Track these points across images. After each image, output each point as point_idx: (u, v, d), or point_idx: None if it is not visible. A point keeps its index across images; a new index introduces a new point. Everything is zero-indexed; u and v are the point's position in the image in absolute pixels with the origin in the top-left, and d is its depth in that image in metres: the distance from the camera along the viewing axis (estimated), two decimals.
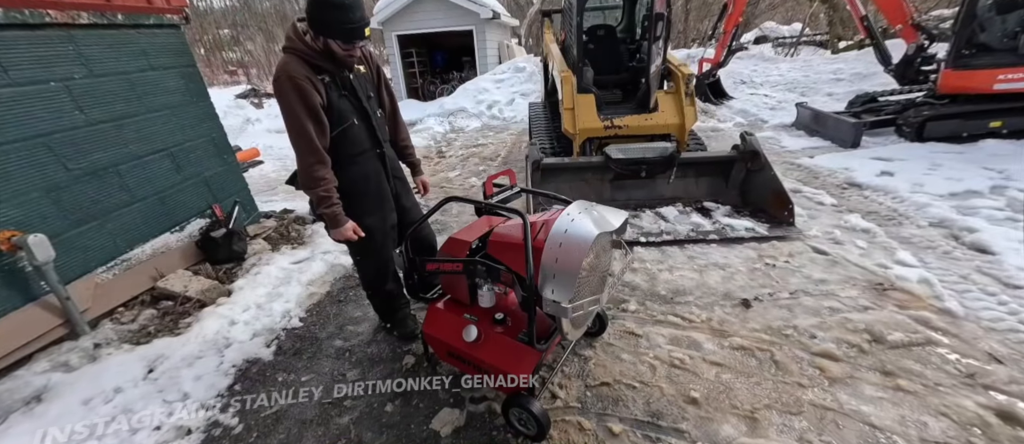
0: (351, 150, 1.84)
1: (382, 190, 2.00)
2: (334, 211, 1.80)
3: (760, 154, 3.55)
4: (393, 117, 2.09)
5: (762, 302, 2.51)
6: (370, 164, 1.93)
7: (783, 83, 9.43)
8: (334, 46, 1.63)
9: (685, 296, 2.62)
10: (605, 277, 1.81)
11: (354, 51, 1.69)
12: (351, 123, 1.80)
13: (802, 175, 4.59)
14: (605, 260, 1.77)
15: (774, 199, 3.46)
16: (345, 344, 2.41)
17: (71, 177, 2.39)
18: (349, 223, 1.86)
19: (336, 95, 1.74)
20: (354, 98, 1.80)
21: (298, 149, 1.71)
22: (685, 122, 4.07)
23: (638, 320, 2.44)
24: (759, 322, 2.34)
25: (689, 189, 3.96)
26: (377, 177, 1.96)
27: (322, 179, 1.75)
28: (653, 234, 3.35)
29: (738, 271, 2.83)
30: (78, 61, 2.40)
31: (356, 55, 1.73)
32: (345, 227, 1.84)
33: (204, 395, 2.01)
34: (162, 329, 2.43)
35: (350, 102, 1.79)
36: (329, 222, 1.84)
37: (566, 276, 1.48)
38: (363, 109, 1.83)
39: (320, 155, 1.72)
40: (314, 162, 1.72)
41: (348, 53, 1.67)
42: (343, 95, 1.77)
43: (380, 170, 1.97)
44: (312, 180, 1.74)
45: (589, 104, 4.15)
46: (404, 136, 2.17)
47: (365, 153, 1.90)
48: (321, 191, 1.76)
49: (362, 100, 1.83)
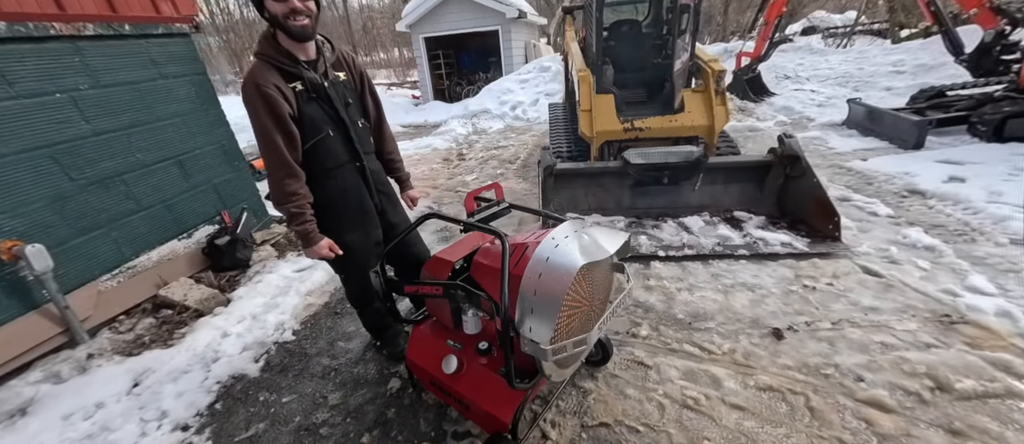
0: (327, 163, 1.71)
1: (363, 205, 1.86)
2: (306, 228, 1.67)
3: (801, 158, 3.15)
4: (379, 127, 1.95)
5: (797, 333, 2.17)
6: (349, 178, 1.79)
7: (833, 77, 8.61)
8: (271, 5, 1.43)
9: (706, 321, 2.32)
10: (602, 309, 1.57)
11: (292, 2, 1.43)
12: (326, 134, 1.67)
13: (853, 180, 4.08)
14: (600, 290, 1.54)
15: (816, 209, 3.05)
16: (332, 362, 2.31)
17: (76, 187, 2.43)
18: (324, 241, 1.73)
19: (309, 104, 1.61)
20: (329, 107, 1.67)
21: (267, 162, 1.59)
22: (715, 123, 3.71)
23: (649, 348, 2.17)
24: (792, 357, 2.02)
25: (718, 197, 3.61)
26: (357, 191, 1.83)
27: (293, 194, 1.63)
28: (674, 247, 3.04)
29: (770, 294, 2.49)
30: (84, 72, 2.45)
31: (297, 7, 1.46)
32: (319, 245, 1.71)
33: (183, 414, 1.95)
34: (156, 340, 2.42)
35: (325, 111, 1.66)
36: (302, 240, 1.72)
37: (545, 311, 1.27)
38: (339, 119, 1.69)
39: (291, 168, 1.60)
40: (284, 176, 1.60)
41: (288, 7, 1.43)
42: (317, 104, 1.63)
43: (360, 184, 1.83)
44: (283, 195, 1.63)
45: (608, 105, 3.88)
46: (390, 147, 2.03)
47: (342, 166, 1.76)
48: (292, 207, 1.64)
49: (338, 109, 1.68)
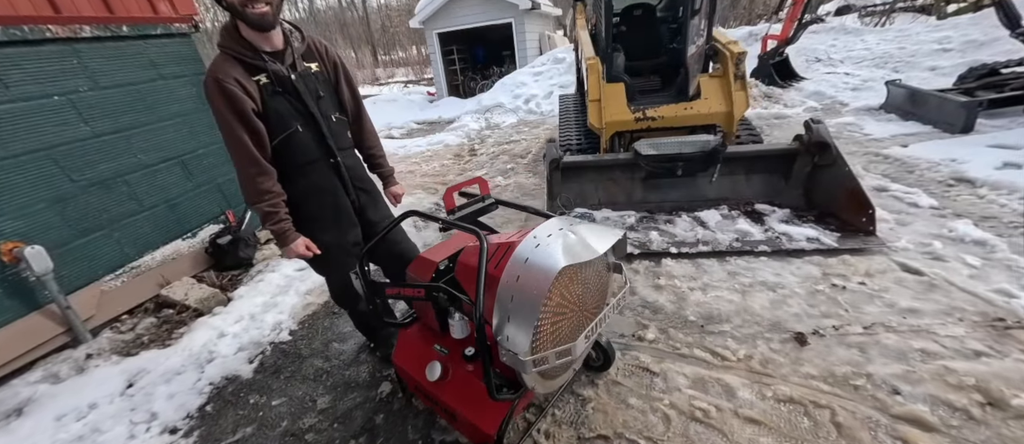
0: (297, 160, 1.63)
1: (339, 204, 1.76)
2: (281, 227, 1.60)
3: (830, 145, 2.88)
4: (358, 120, 1.86)
5: (823, 338, 1.95)
6: (322, 175, 1.70)
7: (869, 58, 8.01)
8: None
9: (720, 324, 2.13)
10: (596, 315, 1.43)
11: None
12: (294, 130, 1.58)
13: (891, 169, 3.74)
14: (592, 294, 1.39)
15: (848, 200, 2.78)
16: (325, 364, 2.25)
17: (77, 188, 2.45)
18: (300, 239, 1.65)
19: (274, 98, 1.52)
20: (297, 101, 1.57)
21: (236, 160, 1.52)
22: (734, 109, 3.45)
23: (655, 353, 2.01)
24: (817, 365, 1.81)
25: (738, 189, 3.36)
26: (332, 189, 1.74)
27: (267, 192, 1.55)
28: (688, 243, 2.84)
29: (793, 294, 2.27)
30: (82, 75, 2.46)
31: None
32: (295, 244, 1.64)
33: (173, 416, 1.93)
34: (155, 339, 2.43)
35: (292, 106, 1.56)
36: (277, 239, 1.64)
37: (523, 318, 1.14)
38: (309, 113, 1.60)
39: (261, 166, 1.53)
40: (255, 174, 1.53)
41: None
42: (283, 97, 1.54)
43: (335, 181, 1.74)
44: (255, 193, 1.55)
45: (618, 94, 3.68)
46: (371, 142, 1.93)
47: (315, 163, 1.67)
48: (265, 206, 1.56)
49: (308, 103, 1.59)
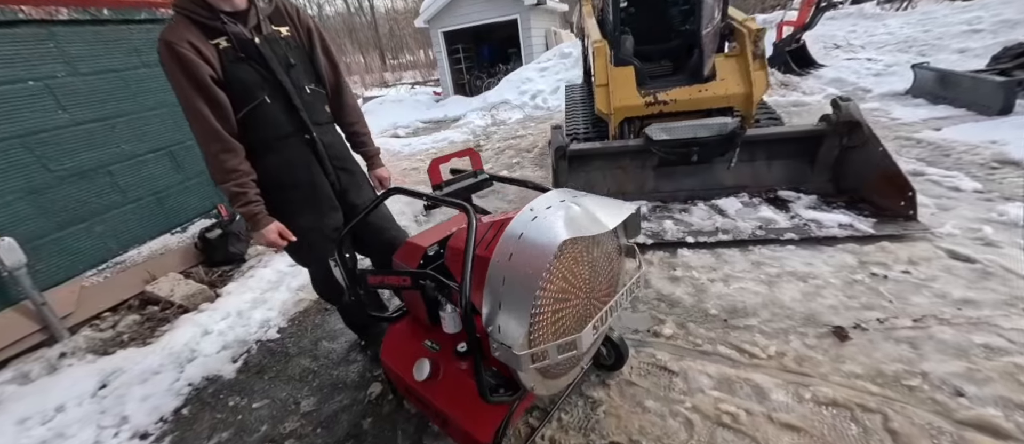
0: (267, 135, 1.46)
1: (316, 184, 1.59)
2: (251, 210, 1.43)
3: (861, 124, 2.64)
4: (337, 94, 1.68)
5: (866, 332, 1.72)
6: (296, 152, 1.52)
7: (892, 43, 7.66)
8: None
9: (746, 318, 1.91)
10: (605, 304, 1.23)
11: None
12: (261, 101, 1.41)
13: (925, 153, 3.46)
14: (601, 279, 1.19)
15: (883, 183, 2.54)
16: (313, 364, 2.08)
17: (55, 178, 2.33)
18: (273, 224, 1.48)
19: (236, 65, 1.35)
20: (263, 69, 1.40)
21: (197, 135, 1.35)
22: (753, 90, 3.21)
23: (674, 350, 1.79)
24: (862, 363, 1.58)
25: (759, 175, 3.13)
26: (307, 168, 1.56)
27: (233, 171, 1.39)
28: (705, 232, 2.61)
29: (827, 284, 2.04)
30: (60, 59, 2.34)
31: None
32: (268, 229, 1.46)
33: (144, 420, 1.77)
34: (136, 337, 2.29)
35: (258, 73, 1.39)
36: (249, 223, 1.47)
37: (516, 305, 0.95)
38: (277, 82, 1.43)
39: (226, 142, 1.36)
40: (219, 150, 1.36)
41: None
42: (247, 64, 1.37)
43: (311, 160, 1.56)
44: (220, 172, 1.39)
45: (627, 78, 3.46)
46: (354, 118, 1.74)
47: (287, 139, 1.50)
48: (232, 186, 1.39)
49: (276, 71, 1.42)
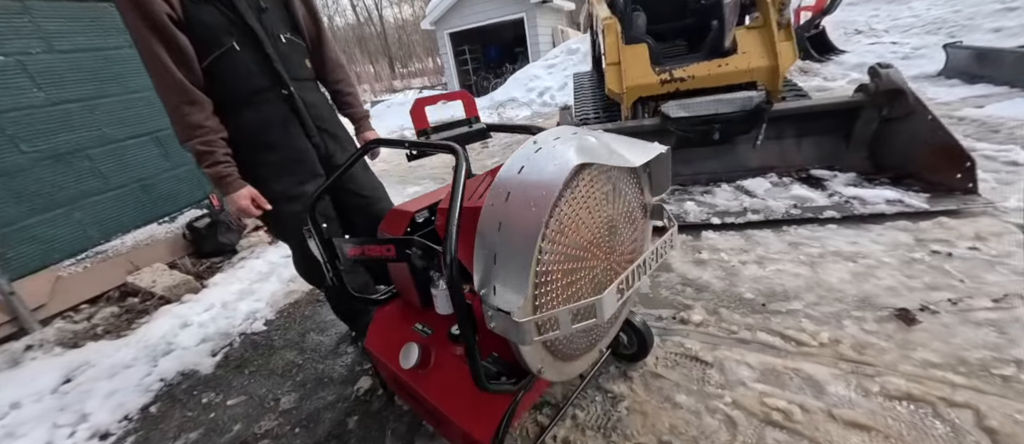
0: (238, 88, 1.27)
1: (295, 146, 1.39)
2: (220, 171, 1.24)
3: (904, 91, 2.37)
4: (318, 47, 1.50)
5: (937, 314, 1.46)
6: (272, 109, 1.34)
7: (918, 25, 7.28)
8: None
9: (787, 302, 1.65)
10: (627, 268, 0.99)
11: None
12: (228, 47, 1.22)
13: (971, 130, 3.17)
14: (623, 236, 0.96)
15: (935, 156, 2.27)
16: (298, 357, 1.87)
17: (28, 160, 2.18)
18: (245, 189, 1.29)
19: (198, 6, 1.17)
20: (230, 11, 1.22)
21: (157, 86, 1.17)
22: (779, 63, 2.96)
23: (706, 338, 1.55)
24: (938, 351, 1.32)
25: (787, 154, 2.87)
26: (284, 127, 1.37)
27: (198, 127, 1.20)
28: (732, 213, 2.36)
29: (880, 263, 1.77)
30: (35, 35, 2.21)
31: None
32: (239, 194, 1.27)
33: (106, 419, 1.58)
34: (112, 330, 2.11)
35: (222, 16, 1.21)
36: (218, 188, 1.28)
37: (517, 256, 0.72)
38: (247, 27, 1.24)
39: (188, 93, 1.18)
40: (181, 102, 1.18)
41: None
42: (211, 5, 1.19)
43: (290, 118, 1.37)
44: (185, 128, 1.20)
45: (640, 55, 3.23)
46: (339, 75, 1.56)
47: (261, 93, 1.31)
48: (198, 144, 1.21)
49: (244, 15, 1.23)
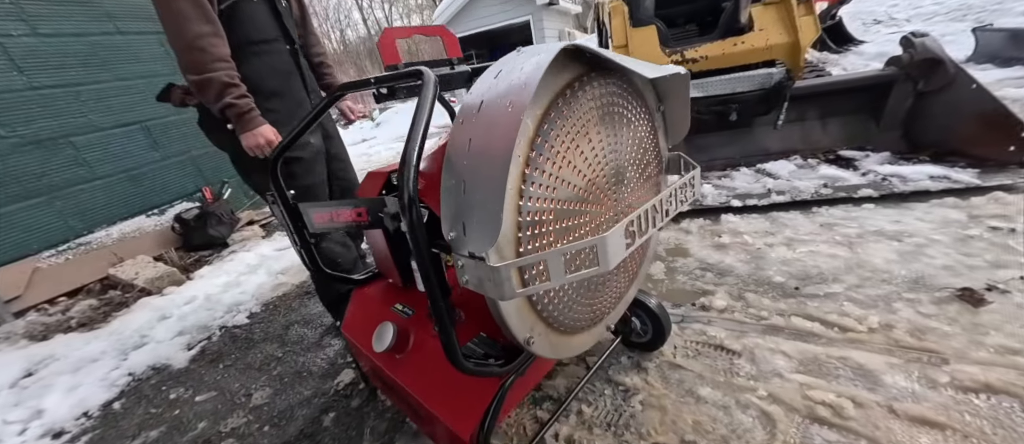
0: (251, 36, 1.26)
1: (297, 98, 1.39)
2: (248, 103, 1.18)
3: (943, 60, 2.16)
4: (303, 22, 1.50)
5: (1009, 294, 1.24)
6: (280, 59, 1.34)
7: (942, 12, 6.97)
8: None
9: (824, 284, 1.44)
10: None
11: None
12: None
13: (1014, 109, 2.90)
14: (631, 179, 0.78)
15: (981, 128, 2.05)
16: (278, 350, 1.72)
17: (5, 145, 2.09)
18: (267, 126, 1.22)
19: None
20: None
21: (179, 21, 1.08)
22: (801, 38, 2.75)
23: (731, 324, 1.35)
24: (1016, 335, 1.10)
25: (810, 136, 2.66)
26: (289, 78, 1.37)
27: (225, 60, 1.14)
28: (754, 195, 2.15)
29: (930, 242, 1.55)
30: (17, 17, 2.14)
31: None
32: (262, 129, 1.20)
33: (64, 415, 1.44)
34: (87, 322, 1.99)
35: None
36: (238, 124, 1.19)
37: (489, 177, 0.55)
38: None
39: (218, 26, 1.14)
40: (211, 34, 1.12)
41: None
42: None
43: (294, 71, 1.38)
44: (213, 59, 1.12)
45: (649, 37, 3.06)
46: (319, 49, 1.58)
47: (271, 43, 1.31)
48: (225, 75, 1.13)
49: None
